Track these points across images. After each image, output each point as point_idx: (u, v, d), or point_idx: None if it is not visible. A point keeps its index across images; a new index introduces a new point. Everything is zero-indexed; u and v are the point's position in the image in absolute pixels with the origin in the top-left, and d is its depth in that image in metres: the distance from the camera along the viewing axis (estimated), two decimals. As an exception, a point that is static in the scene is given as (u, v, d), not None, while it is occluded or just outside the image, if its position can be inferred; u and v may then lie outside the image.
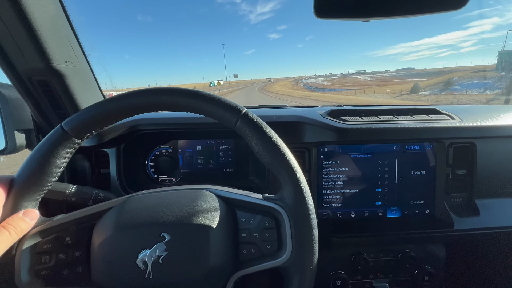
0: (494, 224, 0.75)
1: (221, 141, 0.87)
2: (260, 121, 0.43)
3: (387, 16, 0.62)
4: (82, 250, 0.41)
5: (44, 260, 0.40)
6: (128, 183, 0.79)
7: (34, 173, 0.40)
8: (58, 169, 0.41)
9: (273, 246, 0.42)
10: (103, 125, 0.43)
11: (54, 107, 0.71)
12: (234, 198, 0.45)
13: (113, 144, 0.77)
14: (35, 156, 0.40)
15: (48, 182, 0.41)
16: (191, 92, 0.42)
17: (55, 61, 0.61)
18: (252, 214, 0.43)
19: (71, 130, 0.41)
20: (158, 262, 0.37)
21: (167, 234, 0.39)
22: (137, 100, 0.42)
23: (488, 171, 0.77)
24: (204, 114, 0.43)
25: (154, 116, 0.79)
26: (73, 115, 0.42)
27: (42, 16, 0.56)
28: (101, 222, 0.42)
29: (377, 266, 0.79)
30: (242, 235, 0.43)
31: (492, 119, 0.78)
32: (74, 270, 0.41)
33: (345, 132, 0.73)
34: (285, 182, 0.42)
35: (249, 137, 0.42)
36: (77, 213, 0.43)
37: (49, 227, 0.41)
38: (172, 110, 0.43)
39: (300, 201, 0.41)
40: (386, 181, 0.78)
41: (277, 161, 0.42)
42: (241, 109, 0.43)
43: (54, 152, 0.40)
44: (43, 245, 0.40)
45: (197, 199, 0.43)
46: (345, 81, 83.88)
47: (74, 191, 0.59)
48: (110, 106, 0.42)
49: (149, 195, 0.45)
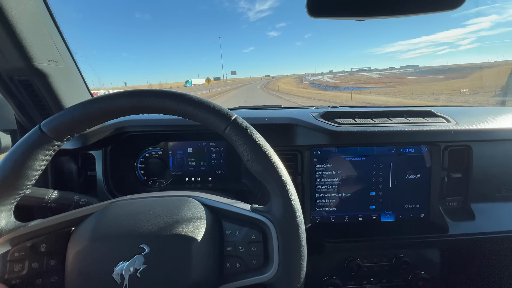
0: (490, 229, 0.73)
1: (213, 142, 0.85)
2: (250, 129, 0.41)
3: (381, 15, 0.61)
4: (58, 259, 0.39)
5: (16, 269, 0.37)
6: (116, 186, 0.76)
7: (8, 176, 0.38)
8: (35, 172, 0.39)
9: (259, 261, 0.40)
10: (84, 127, 0.41)
11: (38, 108, 0.69)
12: (220, 207, 0.43)
13: (100, 146, 0.75)
14: (11, 158, 0.38)
15: (24, 185, 0.39)
16: (178, 95, 0.40)
17: (37, 60, 0.59)
18: (239, 226, 0.42)
19: (50, 132, 0.39)
20: (136, 276, 0.35)
21: (146, 245, 0.37)
22: (121, 102, 0.40)
23: (484, 174, 0.76)
24: (192, 118, 0.41)
25: (142, 117, 0.77)
26: (52, 116, 0.40)
27: (21, 13, 0.53)
28: (78, 230, 0.40)
29: (370, 271, 0.78)
30: (227, 248, 0.41)
31: (488, 122, 0.77)
32: (48, 280, 0.38)
33: (338, 135, 0.71)
34: (274, 193, 0.40)
35: (238, 145, 0.40)
36: (54, 219, 0.40)
37: (23, 234, 0.39)
38: (158, 113, 0.41)
39: (289, 215, 0.39)
40: (380, 184, 0.76)
41: (266, 171, 0.40)
42: (231, 115, 0.40)
43: (31, 154, 0.38)
44: (15, 253, 0.38)
45: (181, 208, 0.41)
46: (353, 78, 79.63)
47: (54, 196, 0.57)
48: (92, 107, 0.39)
49: (132, 202, 0.43)
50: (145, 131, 0.76)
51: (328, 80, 71.52)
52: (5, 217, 0.39)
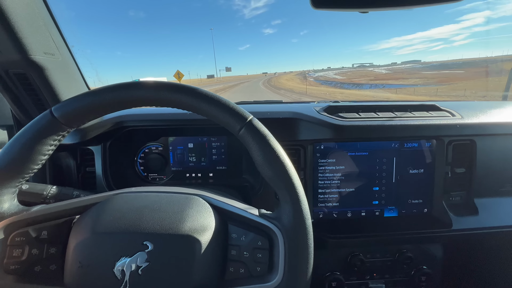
0: (493, 224, 0.73)
1: (214, 137, 0.84)
2: (266, 132, 0.39)
3: (385, 7, 0.59)
4: (58, 247, 0.38)
5: (15, 254, 0.37)
6: (115, 182, 0.75)
7: (16, 159, 0.37)
8: (42, 156, 0.39)
9: (263, 269, 0.39)
10: (96, 114, 0.40)
11: (35, 102, 0.67)
12: (228, 210, 0.41)
13: (99, 141, 0.73)
14: (19, 140, 0.37)
15: (30, 169, 0.38)
16: (195, 91, 0.39)
17: (33, 52, 0.57)
18: (245, 230, 0.40)
19: (61, 117, 0.38)
20: (137, 273, 0.34)
21: (150, 243, 0.35)
22: (136, 93, 0.39)
23: (487, 169, 0.75)
24: (206, 115, 0.40)
25: (142, 112, 0.76)
26: (64, 101, 0.39)
27: (16, 3, 0.52)
28: (81, 220, 0.39)
29: (373, 266, 0.77)
30: (232, 252, 0.39)
31: (493, 116, 0.76)
32: (47, 268, 0.38)
33: (342, 129, 0.70)
34: (285, 200, 0.39)
35: (251, 147, 0.39)
36: (58, 206, 0.40)
37: (25, 218, 0.38)
38: (171, 107, 0.40)
39: (299, 224, 0.38)
40: (383, 179, 0.76)
41: (278, 177, 0.38)
42: (247, 116, 0.39)
43: (40, 139, 0.37)
44: (16, 237, 0.37)
45: (189, 207, 0.40)
46: (361, 74, 69.84)
47: (53, 192, 0.56)
48: (106, 95, 0.39)
49: (136, 196, 0.42)
50: (145, 125, 0.75)
51: (334, 76, 65.96)
52: (8, 200, 0.39)
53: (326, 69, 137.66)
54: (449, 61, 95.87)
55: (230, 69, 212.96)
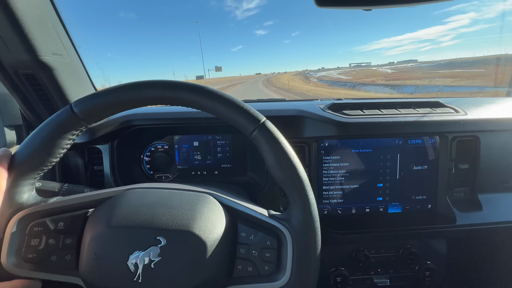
0: (497, 219, 0.73)
1: (219, 136, 0.84)
2: (279, 135, 0.40)
3: (388, 4, 0.60)
4: (73, 238, 0.39)
5: (33, 243, 0.38)
6: (123, 180, 0.76)
7: (37, 150, 0.39)
8: (61, 150, 0.40)
9: (271, 268, 0.40)
10: (114, 111, 0.42)
11: (43, 102, 0.68)
12: (238, 209, 0.42)
13: (106, 140, 0.74)
14: (40, 133, 0.39)
15: (49, 162, 0.40)
16: (211, 92, 0.40)
17: (42, 53, 0.58)
18: (254, 230, 0.41)
19: (81, 112, 0.39)
20: (150, 267, 0.35)
21: (163, 238, 0.36)
22: (154, 91, 0.40)
23: (491, 165, 0.76)
24: (220, 116, 0.41)
25: (148, 110, 0.77)
26: (84, 97, 0.40)
27: (26, 5, 0.53)
28: (96, 213, 0.40)
29: (378, 262, 0.78)
30: (240, 250, 0.40)
31: (496, 112, 0.76)
32: (63, 258, 0.39)
33: (347, 126, 0.71)
34: (295, 203, 0.40)
35: (264, 149, 0.40)
36: (74, 199, 0.41)
37: (43, 209, 0.39)
38: (188, 106, 0.41)
39: (307, 226, 0.39)
40: (387, 176, 0.76)
41: (289, 180, 0.39)
42: (260, 118, 0.40)
43: (60, 133, 0.39)
44: (34, 227, 0.39)
45: (200, 205, 0.41)
46: (367, 73, 61.83)
47: (65, 189, 0.57)
48: (125, 93, 0.40)
49: (148, 191, 0.43)
50: (151, 124, 0.76)
51: (338, 76, 62.68)
52: (28, 191, 0.40)
53: (320, 69, 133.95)
54: (458, 60, 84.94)
55: (220, 68, 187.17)
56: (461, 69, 36.23)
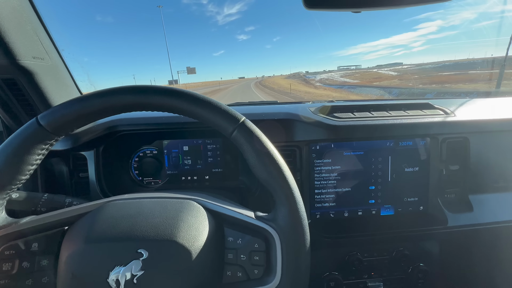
0: (488, 220, 0.74)
1: (209, 140, 0.83)
2: (259, 133, 0.39)
3: (378, 6, 0.60)
4: (50, 259, 0.37)
5: (5, 268, 0.36)
6: (110, 187, 0.74)
7: (2, 170, 0.36)
8: (30, 166, 0.38)
9: (260, 271, 0.39)
10: (85, 121, 0.39)
11: (24, 108, 0.66)
12: (223, 213, 0.41)
13: (91, 147, 0.72)
14: (4, 151, 0.36)
15: (18, 180, 0.37)
16: (184, 94, 0.38)
17: (21, 57, 0.56)
18: (241, 233, 0.40)
19: (48, 125, 0.37)
20: (132, 282, 0.33)
21: (144, 250, 0.35)
22: (125, 98, 0.38)
23: (481, 166, 0.76)
24: (198, 119, 0.39)
25: (135, 116, 0.74)
26: (51, 109, 0.38)
27: (2, 7, 0.50)
28: (72, 230, 0.38)
29: (371, 265, 0.77)
30: (228, 255, 0.39)
31: (485, 113, 0.77)
32: (39, 281, 0.36)
33: (337, 129, 0.70)
34: (281, 202, 0.39)
35: (245, 149, 0.39)
36: (48, 217, 0.39)
37: (14, 231, 0.37)
38: (164, 111, 0.40)
39: (295, 225, 0.38)
40: (379, 178, 0.76)
41: (273, 179, 0.38)
42: (239, 117, 0.39)
43: (27, 148, 0.37)
44: (5, 251, 0.36)
45: (183, 212, 0.39)
46: (372, 76, 61.41)
47: (44, 200, 0.54)
48: (94, 101, 0.38)
49: (129, 203, 0.41)
50: (138, 129, 0.74)
51: (340, 78, 60.10)
52: None
53: (324, 71, 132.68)
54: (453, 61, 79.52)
55: (194, 70, 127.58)
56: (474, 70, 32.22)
